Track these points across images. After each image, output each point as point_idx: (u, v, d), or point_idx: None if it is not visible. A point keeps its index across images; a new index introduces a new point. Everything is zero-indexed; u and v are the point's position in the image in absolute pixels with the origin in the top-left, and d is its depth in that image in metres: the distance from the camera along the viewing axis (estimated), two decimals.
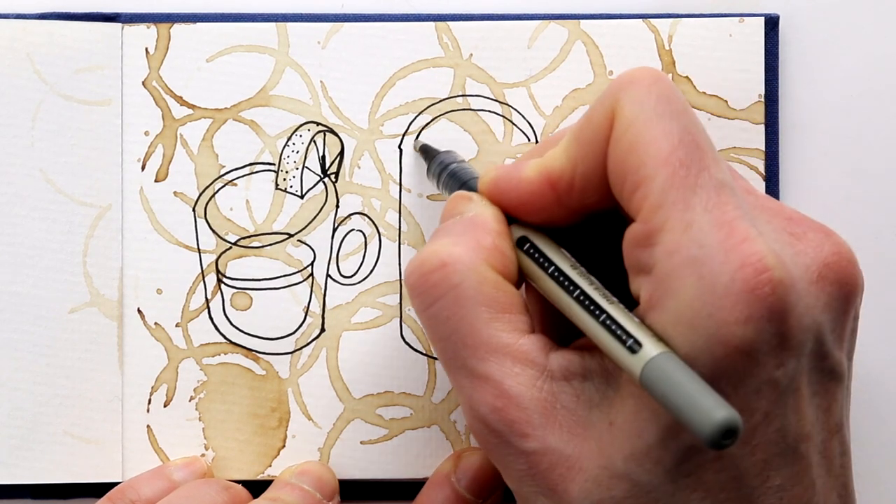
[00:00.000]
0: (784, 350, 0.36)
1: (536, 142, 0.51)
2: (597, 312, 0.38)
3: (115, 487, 0.48)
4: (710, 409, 0.33)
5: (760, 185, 0.50)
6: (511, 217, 0.42)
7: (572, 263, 0.40)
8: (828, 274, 0.38)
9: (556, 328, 0.43)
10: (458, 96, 0.51)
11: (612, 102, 0.39)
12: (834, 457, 0.39)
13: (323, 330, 0.51)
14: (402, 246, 0.51)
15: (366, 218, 0.51)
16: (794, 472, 0.38)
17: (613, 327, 0.37)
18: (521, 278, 0.42)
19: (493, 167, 0.44)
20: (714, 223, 0.36)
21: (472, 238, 0.41)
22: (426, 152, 0.49)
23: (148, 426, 0.50)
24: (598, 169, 0.39)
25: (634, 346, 0.36)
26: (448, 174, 0.47)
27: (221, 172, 0.51)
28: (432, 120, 0.51)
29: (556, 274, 0.40)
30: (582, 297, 0.39)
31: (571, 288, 0.39)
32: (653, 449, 0.37)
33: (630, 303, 0.39)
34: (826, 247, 0.39)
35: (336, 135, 0.51)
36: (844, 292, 0.39)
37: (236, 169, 0.51)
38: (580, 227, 0.42)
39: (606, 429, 0.38)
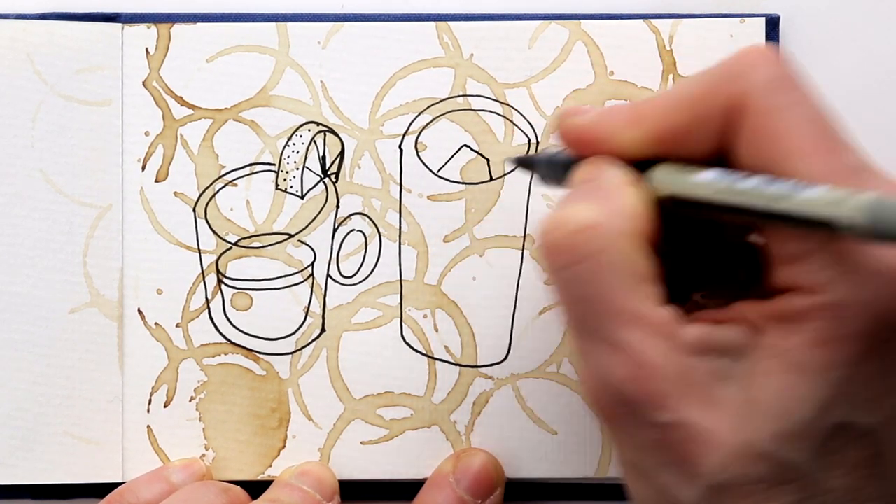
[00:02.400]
0: None
1: (537, 142, 0.51)
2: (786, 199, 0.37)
3: (114, 490, 0.48)
4: None
5: None
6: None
7: (718, 188, 0.39)
8: None
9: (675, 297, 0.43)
10: (459, 96, 0.51)
11: (735, 88, 0.39)
12: None
13: (323, 330, 0.51)
14: (402, 246, 0.51)
15: (366, 218, 0.51)
16: None
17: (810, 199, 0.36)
18: (657, 246, 0.41)
19: (567, 111, 0.42)
20: None
21: (616, 204, 0.39)
22: (524, 162, 0.48)
23: (148, 426, 0.50)
24: (711, 140, 0.39)
25: (846, 198, 0.35)
26: (558, 159, 0.45)
27: (222, 173, 0.51)
28: (433, 120, 0.51)
29: (717, 210, 0.39)
30: (761, 202, 0.38)
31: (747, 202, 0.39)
32: (804, 427, 0.37)
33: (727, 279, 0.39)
34: None
35: (336, 135, 0.51)
36: None
37: (236, 169, 0.51)
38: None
39: (745, 405, 0.37)
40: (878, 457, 0.37)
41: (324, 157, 0.51)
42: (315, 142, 0.51)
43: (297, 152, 0.51)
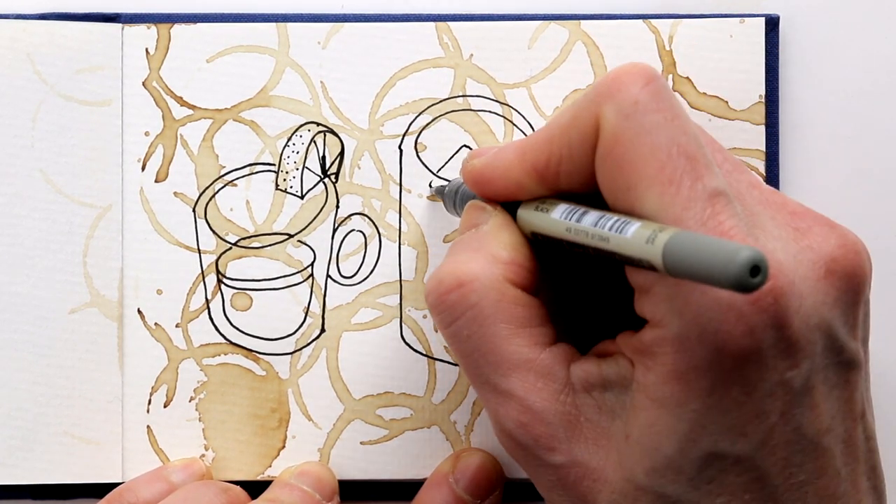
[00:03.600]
0: (794, 352, 0.37)
1: None
2: (605, 239, 0.37)
3: (114, 490, 0.48)
4: (730, 255, 0.32)
5: None
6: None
7: (566, 226, 0.39)
8: (835, 268, 0.38)
9: (581, 327, 0.43)
10: (459, 97, 0.51)
11: (597, 110, 0.38)
12: (859, 443, 0.39)
13: (323, 330, 0.51)
14: (402, 246, 0.51)
15: (366, 218, 0.51)
16: (818, 466, 0.38)
17: (624, 236, 0.37)
18: (539, 284, 0.42)
19: (473, 153, 0.44)
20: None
21: (488, 253, 0.41)
22: (440, 192, 0.50)
23: (148, 426, 0.50)
24: (585, 169, 0.39)
25: (651, 238, 0.35)
26: (460, 195, 0.47)
27: (221, 173, 0.51)
28: (432, 120, 0.51)
29: (564, 243, 0.40)
30: (593, 241, 0.38)
31: (580, 245, 0.39)
32: (673, 461, 0.37)
33: (631, 320, 0.39)
34: (832, 240, 0.39)
35: (336, 135, 0.51)
36: (853, 284, 0.38)
37: (236, 169, 0.51)
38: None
39: (624, 441, 0.38)
40: (761, 479, 0.37)
41: (324, 158, 0.51)
42: (315, 142, 0.51)
43: (297, 152, 0.51)
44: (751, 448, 0.37)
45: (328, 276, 0.51)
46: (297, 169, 0.51)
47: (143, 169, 0.51)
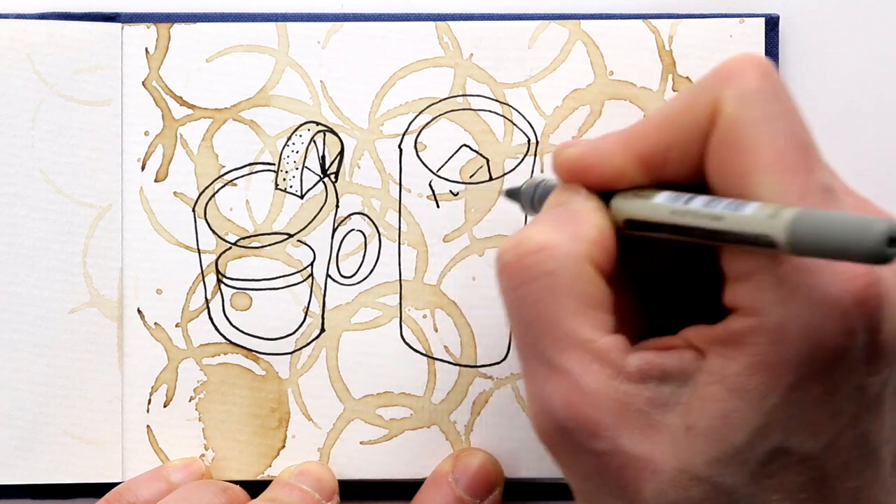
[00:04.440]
0: (878, 359, 0.36)
1: (537, 142, 0.51)
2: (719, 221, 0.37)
3: (113, 489, 0.48)
4: (866, 225, 0.32)
5: None
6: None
7: (672, 209, 0.39)
8: None
9: (640, 325, 0.42)
10: (459, 96, 0.51)
11: (715, 95, 0.38)
12: None
13: (323, 330, 0.51)
14: (401, 246, 0.51)
15: (366, 218, 0.51)
16: (872, 474, 0.38)
17: (743, 218, 0.36)
18: (615, 275, 0.41)
19: (563, 144, 0.43)
20: None
21: (576, 228, 0.40)
22: (512, 193, 0.48)
23: (148, 426, 0.50)
24: (694, 156, 0.39)
25: (774, 214, 0.35)
26: (539, 192, 0.45)
27: (221, 172, 0.51)
28: (432, 120, 0.51)
29: (669, 230, 0.39)
30: (702, 221, 0.38)
31: (690, 227, 0.38)
32: (740, 452, 0.37)
33: (715, 310, 0.38)
34: None
35: (336, 135, 0.51)
36: None
37: (236, 169, 0.51)
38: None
39: (683, 432, 0.37)
40: (820, 480, 0.37)
41: (323, 157, 0.51)
42: (315, 141, 0.51)
43: (297, 152, 0.51)
44: (818, 448, 0.37)
45: (328, 275, 0.51)
46: (297, 168, 0.51)
47: (142, 169, 0.51)
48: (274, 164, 0.51)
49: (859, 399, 0.37)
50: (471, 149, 0.51)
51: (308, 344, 0.51)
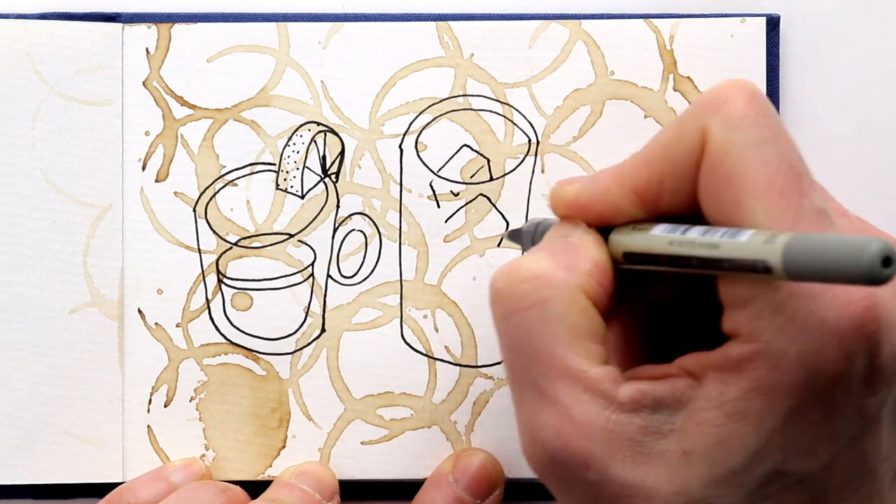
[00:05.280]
0: (876, 381, 0.37)
1: (538, 142, 0.51)
2: (715, 254, 0.37)
3: (114, 490, 0.48)
4: (860, 247, 0.32)
5: None
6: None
7: (670, 240, 0.39)
8: None
9: (638, 355, 0.43)
10: (459, 96, 0.51)
11: (703, 124, 0.38)
12: None
13: (323, 330, 0.51)
14: (402, 246, 0.51)
15: (366, 218, 0.51)
16: (871, 491, 0.38)
17: (739, 246, 0.36)
18: (609, 310, 0.41)
19: (561, 182, 0.43)
20: None
21: (571, 259, 0.40)
22: (514, 235, 0.48)
23: (148, 426, 0.50)
24: (688, 186, 0.39)
25: (770, 239, 0.35)
26: (540, 231, 0.45)
27: (222, 172, 0.51)
28: (433, 120, 0.51)
29: (667, 261, 0.39)
30: (699, 250, 0.38)
31: (685, 260, 0.39)
32: (737, 475, 0.37)
33: (711, 338, 0.38)
34: None
35: (336, 135, 0.51)
36: None
37: (237, 169, 0.51)
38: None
39: (678, 457, 0.37)
40: (817, 500, 0.37)
41: (324, 157, 0.51)
42: (315, 142, 0.51)
43: (298, 152, 0.51)
44: (816, 469, 0.37)
45: (328, 275, 0.51)
46: (298, 169, 0.51)
47: (143, 169, 0.51)
48: (275, 165, 0.51)
49: (858, 420, 0.37)
50: (471, 149, 0.51)
51: (309, 344, 0.51)
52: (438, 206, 0.51)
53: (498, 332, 0.40)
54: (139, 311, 0.50)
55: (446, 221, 0.51)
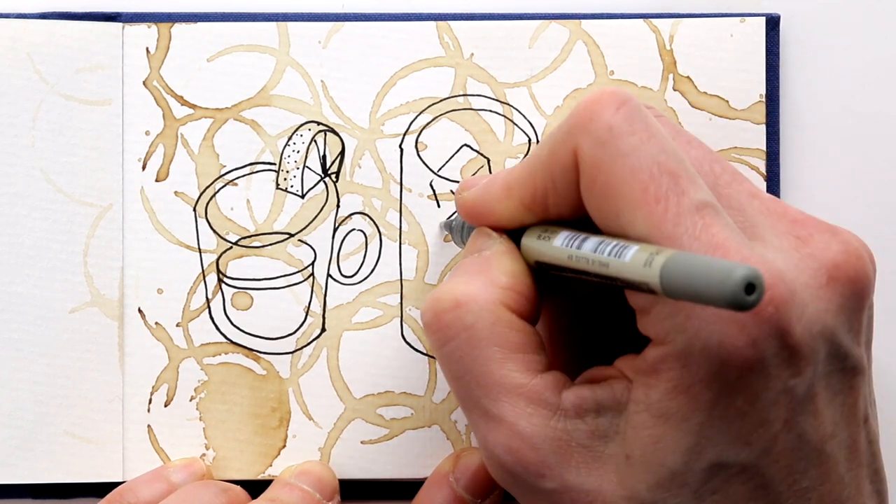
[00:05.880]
0: (797, 361, 0.37)
1: (538, 142, 0.51)
2: (604, 265, 0.38)
3: (114, 490, 0.48)
4: (724, 273, 0.33)
5: (762, 185, 0.50)
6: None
7: (568, 254, 0.40)
8: (838, 275, 0.38)
9: (574, 356, 0.43)
10: (459, 96, 0.51)
11: (573, 144, 0.38)
12: (862, 447, 0.39)
13: (324, 330, 0.51)
14: (402, 246, 0.51)
15: (366, 218, 0.51)
16: (821, 472, 0.38)
17: (622, 260, 0.37)
18: (538, 313, 0.42)
19: (463, 184, 0.44)
20: (706, 249, 0.36)
21: (488, 277, 0.41)
22: (448, 226, 0.50)
23: (148, 426, 0.50)
24: (571, 199, 0.39)
25: (648, 261, 0.35)
26: (467, 227, 0.47)
27: (222, 172, 0.51)
28: (433, 119, 0.51)
29: (568, 270, 0.40)
30: (594, 267, 0.38)
31: (580, 272, 0.39)
32: (677, 474, 0.37)
33: (634, 340, 0.39)
34: (833, 246, 0.39)
35: (337, 134, 0.51)
36: (857, 290, 0.39)
37: (237, 169, 0.51)
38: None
39: (624, 461, 0.38)
40: (765, 487, 0.38)
41: (324, 157, 0.51)
42: (315, 141, 0.51)
43: (298, 152, 0.51)
44: (755, 456, 0.37)
45: (329, 275, 0.51)
46: (298, 168, 0.51)
47: (143, 168, 0.51)
48: (275, 164, 0.51)
49: (786, 402, 0.37)
50: (471, 149, 0.51)
51: (309, 343, 0.51)
52: (439, 206, 0.51)
53: (438, 362, 0.42)
54: (139, 311, 0.50)
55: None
